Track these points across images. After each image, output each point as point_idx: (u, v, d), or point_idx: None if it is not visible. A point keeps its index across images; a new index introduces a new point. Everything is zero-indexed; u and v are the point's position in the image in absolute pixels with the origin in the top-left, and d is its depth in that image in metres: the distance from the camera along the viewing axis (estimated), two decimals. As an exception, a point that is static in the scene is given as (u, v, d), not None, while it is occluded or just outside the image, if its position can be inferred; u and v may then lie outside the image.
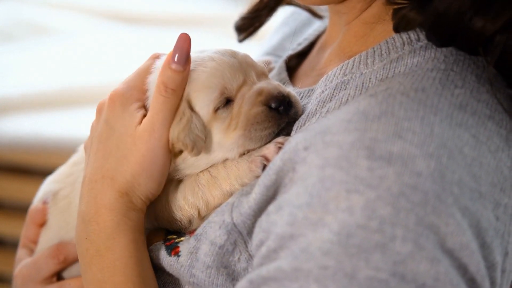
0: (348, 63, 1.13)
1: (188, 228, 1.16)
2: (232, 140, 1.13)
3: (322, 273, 0.90)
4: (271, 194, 1.02)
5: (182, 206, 1.15)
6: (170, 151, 1.13)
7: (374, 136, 0.94)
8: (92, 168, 1.14)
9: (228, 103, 1.14)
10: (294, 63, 1.37)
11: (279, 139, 1.11)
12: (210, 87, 1.13)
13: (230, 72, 1.14)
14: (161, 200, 1.16)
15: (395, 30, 1.09)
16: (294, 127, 1.13)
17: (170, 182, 1.16)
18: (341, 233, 0.91)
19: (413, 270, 0.90)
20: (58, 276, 1.30)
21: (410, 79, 1.01)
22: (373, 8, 1.16)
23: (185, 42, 1.12)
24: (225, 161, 1.14)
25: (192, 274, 1.08)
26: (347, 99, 1.07)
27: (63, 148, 2.55)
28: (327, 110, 1.09)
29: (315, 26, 1.44)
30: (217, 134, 1.14)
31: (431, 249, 0.91)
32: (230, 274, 1.07)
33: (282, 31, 1.52)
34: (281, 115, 1.13)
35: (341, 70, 1.13)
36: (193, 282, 1.09)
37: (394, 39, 1.11)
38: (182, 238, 1.13)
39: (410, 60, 1.06)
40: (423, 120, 0.96)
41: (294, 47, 1.39)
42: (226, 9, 3.68)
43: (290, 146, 1.02)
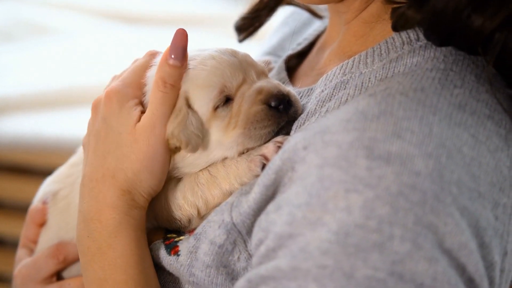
0: (347, 63, 1.13)
1: (187, 227, 1.16)
2: (231, 138, 1.13)
3: (320, 272, 0.90)
4: (271, 194, 1.02)
5: (181, 205, 1.15)
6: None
7: (373, 135, 0.94)
8: (91, 166, 1.14)
9: (227, 102, 1.14)
10: (294, 63, 1.37)
11: (279, 139, 1.11)
12: (210, 86, 1.13)
13: (230, 70, 1.14)
14: (160, 199, 1.16)
15: (394, 28, 1.09)
16: (294, 127, 1.13)
17: (169, 181, 1.16)
18: (339, 232, 0.91)
19: (411, 269, 0.90)
20: (58, 276, 1.30)
21: (409, 79, 1.01)
22: (372, 7, 1.16)
23: (182, 38, 1.12)
24: (224, 160, 1.14)
25: (191, 273, 1.08)
26: (347, 99, 1.07)
27: (63, 148, 2.54)
28: (327, 110, 1.09)
29: (315, 26, 1.43)
30: (216, 132, 1.14)
31: (430, 248, 0.90)
32: (230, 273, 1.07)
33: (282, 31, 1.52)
34: (280, 114, 1.13)
35: (340, 70, 1.13)
36: (192, 281, 1.09)
37: (393, 39, 1.11)
38: (182, 237, 1.13)
39: (410, 59, 1.06)
40: (422, 119, 0.96)
41: (293, 47, 1.39)
42: (226, 9, 3.68)
43: (289, 145, 1.02)
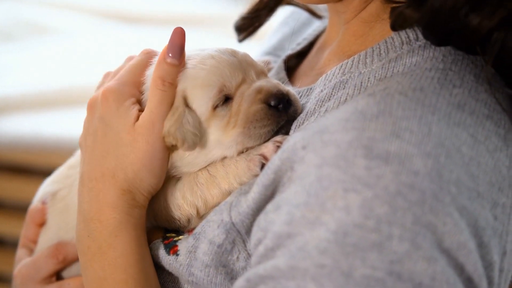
0: (347, 63, 1.13)
1: (186, 227, 1.16)
2: (231, 137, 1.13)
3: (318, 271, 0.90)
4: (270, 193, 1.02)
5: (181, 205, 1.15)
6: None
7: (371, 135, 0.94)
8: (90, 166, 1.14)
9: (227, 101, 1.14)
10: (294, 63, 1.37)
11: (278, 138, 1.11)
12: (209, 85, 1.13)
13: (229, 70, 1.14)
14: (159, 199, 1.16)
15: (392, 28, 1.09)
16: (293, 126, 1.13)
17: (168, 180, 1.16)
18: (338, 232, 0.91)
19: (409, 269, 0.89)
20: (58, 275, 1.30)
21: (408, 79, 1.01)
22: (371, 7, 1.16)
23: (179, 36, 1.13)
24: (223, 159, 1.14)
25: (191, 273, 1.08)
26: (346, 99, 1.07)
27: (63, 148, 2.54)
28: (326, 110, 1.09)
29: (315, 26, 1.43)
30: (215, 131, 1.14)
31: (428, 248, 0.90)
32: (229, 273, 1.07)
33: (282, 31, 1.52)
34: (280, 113, 1.13)
35: (340, 70, 1.13)
36: (192, 281, 1.09)
37: (393, 39, 1.11)
38: (181, 237, 1.13)
39: (409, 59, 1.06)
40: (421, 119, 0.95)
41: (293, 47, 1.39)
42: (226, 9, 3.68)
43: (288, 145, 1.02)
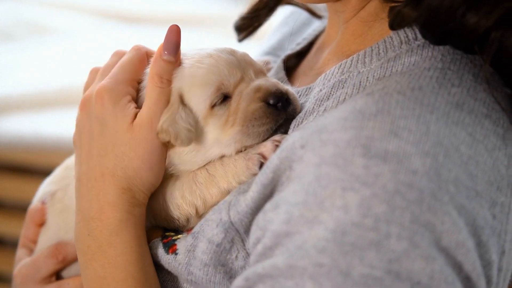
0: (346, 62, 1.13)
1: (186, 226, 1.16)
2: (229, 136, 1.13)
3: (317, 270, 0.90)
4: (268, 192, 1.02)
5: (180, 205, 1.15)
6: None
7: (370, 134, 0.94)
8: (87, 166, 1.14)
9: (225, 100, 1.14)
10: (293, 63, 1.37)
11: (276, 137, 1.11)
12: (207, 84, 1.13)
13: (227, 68, 1.14)
14: (158, 199, 1.16)
15: (391, 27, 1.09)
16: (292, 125, 1.13)
17: (167, 180, 1.16)
18: (336, 230, 0.91)
19: (408, 268, 0.89)
20: (57, 275, 1.30)
21: (407, 78, 1.01)
22: (370, 6, 1.16)
23: (174, 34, 1.14)
24: (222, 158, 1.14)
25: (189, 272, 1.08)
26: (345, 98, 1.07)
27: (63, 147, 2.54)
28: (325, 109, 1.09)
29: (314, 26, 1.43)
30: (214, 130, 1.14)
31: (426, 247, 0.90)
32: (228, 272, 1.07)
33: (282, 31, 1.52)
34: (279, 112, 1.13)
35: (339, 69, 1.13)
36: (191, 280, 1.09)
37: (391, 38, 1.11)
38: (180, 236, 1.13)
39: (408, 59, 1.06)
40: (419, 118, 0.95)
41: (293, 47, 1.39)
42: (226, 9, 3.67)
43: (287, 144, 1.02)
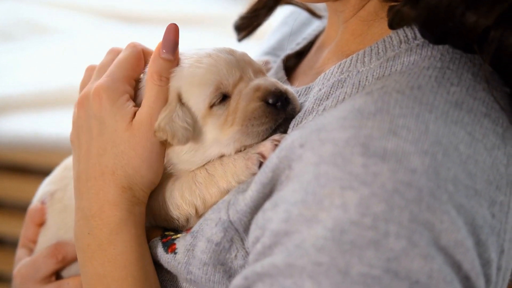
0: (345, 62, 1.13)
1: (185, 226, 1.16)
2: (228, 135, 1.13)
3: (315, 269, 0.90)
4: (268, 192, 1.02)
5: (179, 205, 1.15)
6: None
7: (369, 133, 0.94)
8: (87, 165, 1.14)
9: (224, 100, 1.14)
10: (293, 63, 1.37)
11: (276, 137, 1.11)
12: (205, 83, 1.14)
13: (226, 68, 1.14)
14: (158, 199, 1.16)
15: (390, 26, 1.09)
16: (291, 125, 1.13)
17: (167, 180, 1.16)
18: (335, 229, 0.91)
19: (406, 267, 0.89)
20: (57, 275, 1.30)
21: (406, 77, 1.01)
22: (369, 5, 1.16)
23: (173, 32, 1.14)
24: (221, 158, 1.14)
25: (189, 271, 1.08)
26: (344, 97, 1.07)
27: (63, 147, 2.54)
28: (324, 108, 1.09)
29: (314, 26, 1.44)
30: (213, 129, 1.14)
31: (425, 246, 0.90)
32: (227, 271, 1.07)
33: (281, 31, 1.52)
34: (278, 111, 1.13)
35: (338, 69, 1.13)
36: (190, 279, 1.09)
37: (391, 38, 1.11)
38: (179, 235, 1.13)
39: (407, 58, 1.06)
40: (418, 117, 0.95)
41: (292, 47, 1.39)
42: (226, 8, 3.68)
43: (286, 143, 1.02)
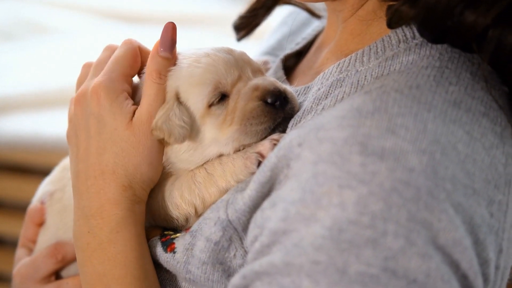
0: (344, 61, 1.13)
1: (185, 226, 1.16)
2: (227, 135, 1.13)
3: (313, 268, 0.90)
4: (266, 191, 1.02)
5: (179, 205, 1.15)
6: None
7: (367, 132, 0.94)
8: (86, 164, 1.14)
9: (223, 99, 1.15)
10: (292, 63, 1.37)
11: (274, 136, 1.11)
12: (204, 83, 1.14)
13: (224, 67, 1.15)
14: (157, 198, 1.17)
15: (388, 25, 1.09)
16: (290, 124, 1.13)
17: (166, 179, 1.16)
18: (333, 228, 0.91)
19: (404, 265, 0.89)
20: (57, 275, 1.30)
21: (404, 77, 1.01)
22: (368, 5, 1.16)
23: (170, 31, 1.15)
24: (220, 157, 1.14)
25: (188, 270, 1.09)
26: (343, 97, 1.07)
27: (63, 147, 2.52)
28: (323, 108, 1.09)
29: (314, 25, 1.44)
30: (212, 129, 1.14)
31: (423, 245, 0.90)
32: (226, 270, 1.07)
33: (281, 31, 1.52)
34: (277, 110, 1.13)
35: (337, 68, 1.14)
36: (189, 278, 1.09)
37: (390, 37, 1.11)
38: (178, 234, 1.13)
39: (405, 57, 1.06)
40: (417, 116, 0.96)
41: (292, 47, 1.40)
42: (226, 8, 3.68)
43: (284, 142, 1.02)
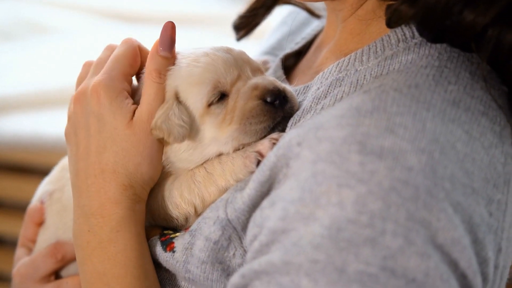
0: (343, 61, 1.13)
1: (184, 226, 1.16)
2: (227, 134, 1.13)
3: (312, 267, 0.90)
4: (265, 190, 1.02)
5: (178, 204, 1.15)
6: None
7: (366, 131, 0.94)
8: (86, 163, 1.14)
9: (222, 98, 1.15)
10: (292, 62, 1.37)
11: (274, 135, 1.11)
12: (203, 82, 1.14)
13: (223, 67, 1.15)
14: (157, 198, 1.17)
15: (388, 25, 1.09)
16: (289, 124, 1.13)
17: (166, 179, 1.16)
18: (331, 227, 0.91)
19: (403, 265, 0.89)
20: (56, 275, 1.30)
21: (403, 76, 1.01)
22: (367, 4, 1.16)
23: (170, 30, 1.15)
24: (220, 156, 1.14)
25: (187, 269, 1.09)
26: (342, 96, 1.07)
27: (63, 147, 2.51)
28: (322, 107, 1.09)
29: (313, 25, 1.44)
30: (211, 128, 1.14)
31: (422, 244, 0.90)
32: (225, 269, 1.07)
33: (281, 31, 1.52)
34: (276, 110, 1.13)
35: (336, 68, 1.14)
36: (188, 278, 1.09)
37: (389, 36, 1.11)
38: (177, 234, 1.13)
39: (405, 57, 1.06)
40: (415, 115, 0.95)
41: (291, 46, 1.40)
42: (226, 8, 3.68)
43: (284, 141, 1.02)
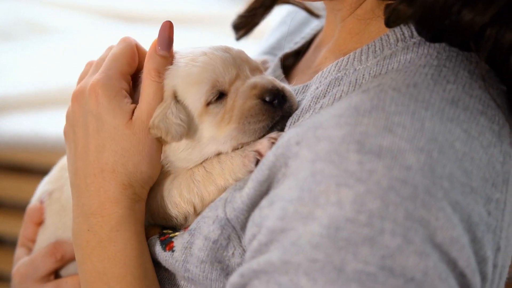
0: (342, 60, 1.14)
1: (184, 225, 1.17)
2: (225, 133, 1.13)
3: (311, 266, 0.90)
4: (264, 189, 1.02)
5: (178, 203, 1.15)
6: None
7: (364, 130, 0.94)
8: (85, 162, 1.14)
9: (221, 97, 1.15)
10: (291, 62, 1.37)
11: (273, 134, 1.12)
12: (202, 82, 1.14)
13: (222, 66, 1.15)
14: (156, 197, 1.17)
15: (386, 24, 1.09)
16: (288, 123, 1.13)
17: (165, 178, 1.16)
18: (330, 226, 0.91)
19: (401, 264, 0.89)
20: (56, 274, 1.30)
21: (402, 75, 1.01)
22: (366, 4, 1.16)
23: (168, 29, 1.15)
24: (219, 156, 1.14)
25: (186, 269, 1.09)
26: (341, 95, 1.08)
27: (63, 147, 2.51)
28: (321, 106, 1.09)
29: (313, 25, 1.44)
30: (210, 127, 1.14)
31: (420, 243, 0.90)
32: (224, 269, 1.07)
33: (280, 31, 1.52)
34: (275, 109, 1.13)
35: (335, 67, 1.14)
36: (187, 277, 1.09)
37: (388, 36, 1.11)
38: (177, 233, 1.14)
39: (403, 56, 1.06)
40: (414, 114, 0.96)
41: (291, 46, 1.40)
42: (225, 8, 3.68)
43: (282, 141, 1.02)
